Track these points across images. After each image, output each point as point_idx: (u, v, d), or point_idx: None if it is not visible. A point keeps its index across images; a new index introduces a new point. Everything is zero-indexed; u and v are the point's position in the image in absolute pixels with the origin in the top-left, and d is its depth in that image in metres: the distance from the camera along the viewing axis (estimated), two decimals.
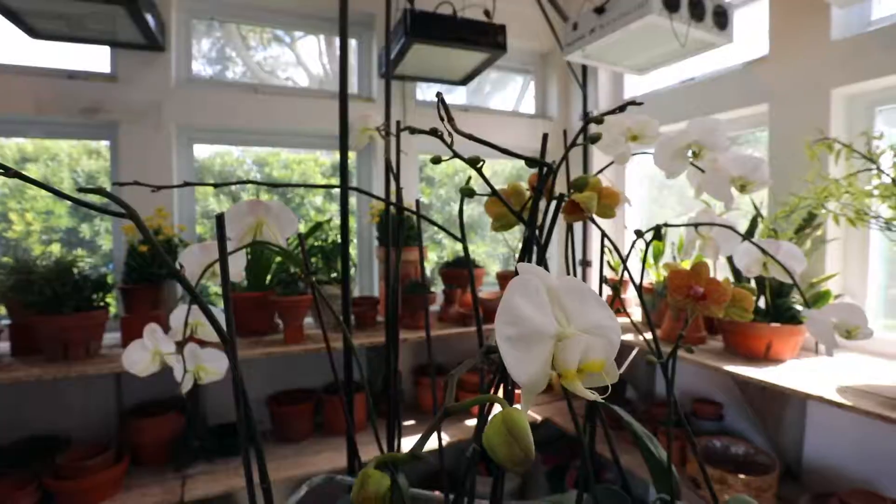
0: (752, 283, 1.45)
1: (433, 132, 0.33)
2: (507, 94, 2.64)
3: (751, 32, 1.72)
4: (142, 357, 0.48)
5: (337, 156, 2.18)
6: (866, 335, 0.46)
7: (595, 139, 0.35)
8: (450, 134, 0.33)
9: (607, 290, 1.43)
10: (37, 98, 1.62)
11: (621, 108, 0.35)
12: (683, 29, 1.42)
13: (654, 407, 1.87)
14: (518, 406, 0.23)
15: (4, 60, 1.64)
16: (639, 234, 0.43)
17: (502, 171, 2.58)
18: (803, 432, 1.51)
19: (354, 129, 0.66)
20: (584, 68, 2.29)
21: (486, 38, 1.67)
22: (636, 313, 2.02)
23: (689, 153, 0.45)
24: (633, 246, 0.49)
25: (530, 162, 0.32)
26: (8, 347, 1.50)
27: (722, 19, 1.51)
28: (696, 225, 0.51)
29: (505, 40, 1.71)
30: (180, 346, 0.48)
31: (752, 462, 1.47)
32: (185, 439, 1.63)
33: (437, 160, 0.38)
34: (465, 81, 2.05)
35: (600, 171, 0.51)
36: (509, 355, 0.22)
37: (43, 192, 1.78)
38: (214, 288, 1.87)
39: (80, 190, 0.28)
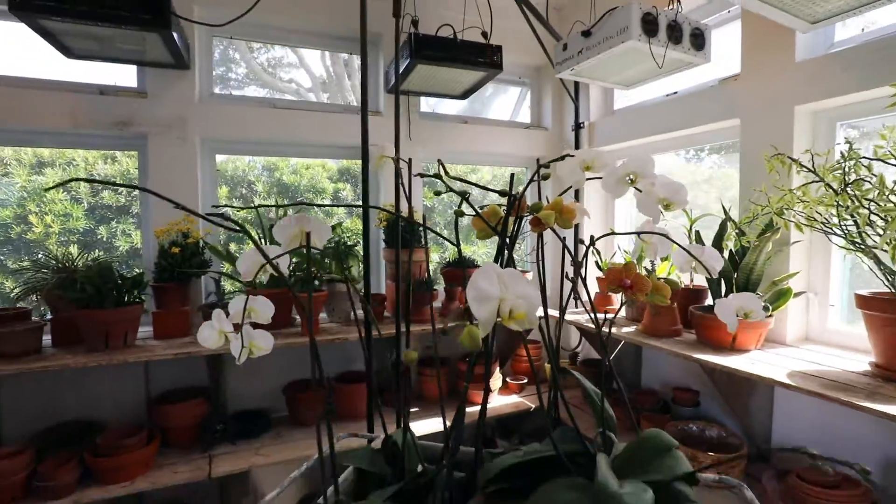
0: (722, 281, 1.60)
1: (437, 176, 0.48)
2: (508, 99, 2.79)
3: (729, 51, 1.87)
4: (211, 334, 0.65)
5: (343, 162, 2.35)
6: (759, 317, 0.61)
7: (546, 177, 0.50)
8: (445, 175, 0.48)
9: (590, 285, 1.57)
10: (73, 113, 1.77)
11: (562, 158, 0.51)
12: (662, 51, 1.56)
13: (638, 395, 2.03)
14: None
15: (41, 76, 1.79)
16: (581, 241, 0.58)
17: (501, 176, 2.74)
18: (771, 417, 1.66)
19: (373, 158, 0.82)
20: (577, 82, 2.44)
21: (484, 58, 1.83)
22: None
23: (628, 179, 0.61)
24: (588, 248, 0.65)
25: (501, 194, 0.47)
26: (49, 340, 1.65)
27: (699, 41, 1.63)
28: (638, 233, 0.66)
29: (501, 60, 1.87)
30: (237, 327, 0.64)
31: (725, 443, 1.63)
32: (209, 423, 1.79)
33: (437, 193, 0.53)
34: (464, 96, 2.21)
35: (563, 191, 0.66)
36: (473, 306, 0.42)
37: (60, 194, 1.92)
38: (230, 287, 2.03)
39: (210, 213, 0.43)
